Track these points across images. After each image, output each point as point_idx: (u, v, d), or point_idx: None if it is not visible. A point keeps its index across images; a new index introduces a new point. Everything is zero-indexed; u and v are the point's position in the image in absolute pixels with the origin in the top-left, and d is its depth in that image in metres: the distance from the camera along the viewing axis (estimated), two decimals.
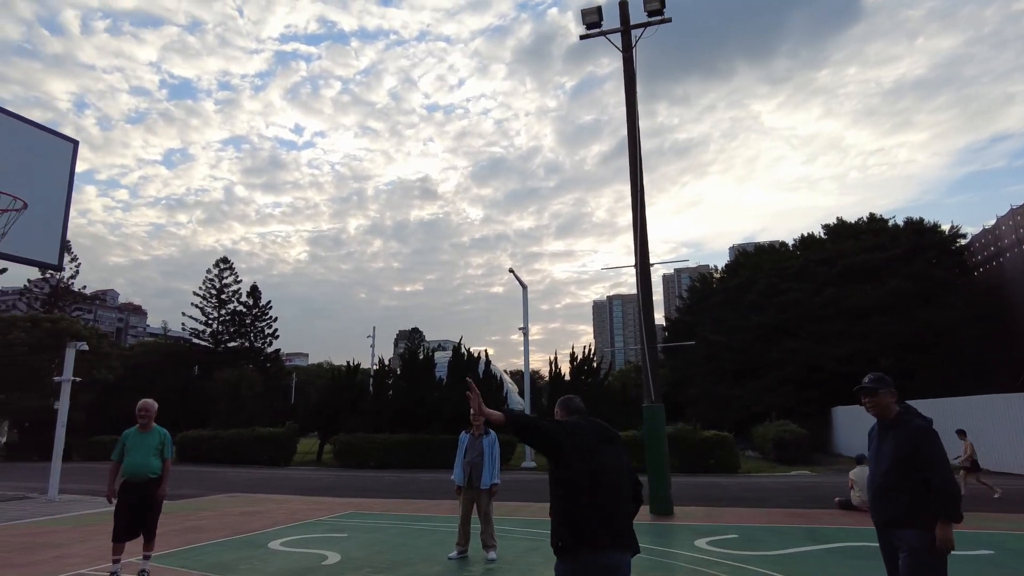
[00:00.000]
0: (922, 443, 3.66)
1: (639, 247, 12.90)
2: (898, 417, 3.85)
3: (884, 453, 3.82)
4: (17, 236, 8.03)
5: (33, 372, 32.34)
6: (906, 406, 3.90)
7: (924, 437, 3.67)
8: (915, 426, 3.73)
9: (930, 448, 3.64)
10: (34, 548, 8.48)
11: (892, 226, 37.64)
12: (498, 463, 7.98)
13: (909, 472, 3.67)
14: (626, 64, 13.75)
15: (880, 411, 3.91)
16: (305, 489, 16.74)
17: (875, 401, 3.92)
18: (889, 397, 3.89)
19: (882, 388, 3.91)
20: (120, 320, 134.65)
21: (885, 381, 3.94)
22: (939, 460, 3.63)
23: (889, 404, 3.89)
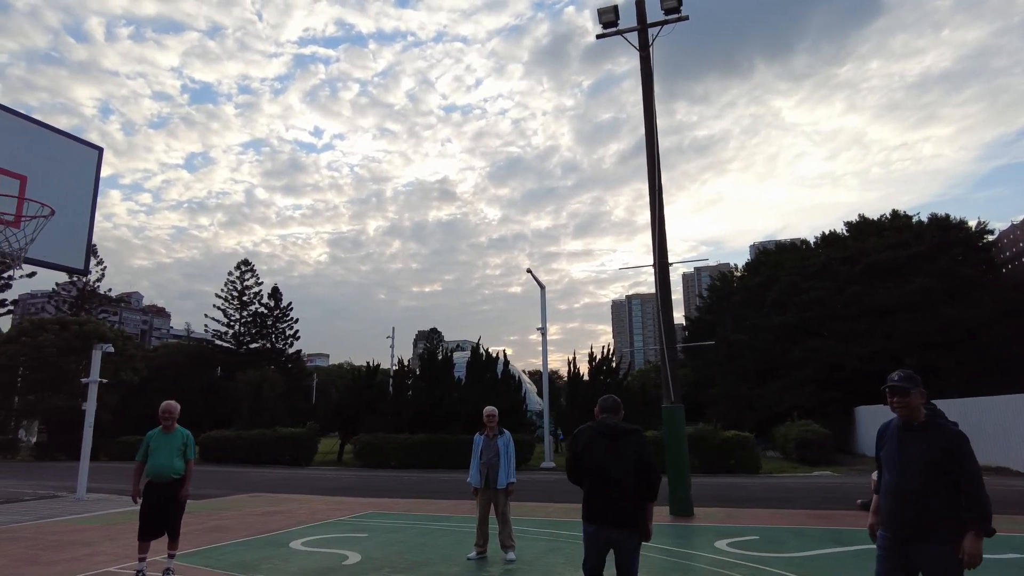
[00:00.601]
0: (958, 449, 3.42)
1: (657, 246, 12.83)
2: (929, 420, 3.59)
3: (911, 458, 3.52)
4: (45, 241, 8.22)
5: (62, 373, 33.05)
6: (933, 408, 3.68)
7: (960, 442, 3.43)
8: (951, 431, 3.49)
9: (967, 455, 3.41)
10: (64, 546, 8.66)
11: (916, 223, 37.04)
12: (513, 462, 7.97)
13: (941, 480, 3.42)
14: (643, 63, 13.68)
15: (910, 412, 3.63)
16: (326, 489, 16.89)
17: (906, 402, 3.63)
18: (919, 398, 3.62)
19: (913, 388, 3.62)
20: (144, 322, 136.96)
21: (916, 380, 3.66)
22: (976, 468, 3.40)
23: (919, 405, 3.63)
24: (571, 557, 7.78)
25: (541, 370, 27.29)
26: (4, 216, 7.88)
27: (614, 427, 4.45)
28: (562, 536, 9.22)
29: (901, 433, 3.65)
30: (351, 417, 28.84)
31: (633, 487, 4.31)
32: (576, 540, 8.89)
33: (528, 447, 24.39)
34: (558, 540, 8.90)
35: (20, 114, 8.69)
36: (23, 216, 8.04)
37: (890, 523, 3.59)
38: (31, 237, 7.94)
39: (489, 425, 7.98)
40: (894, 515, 3.55)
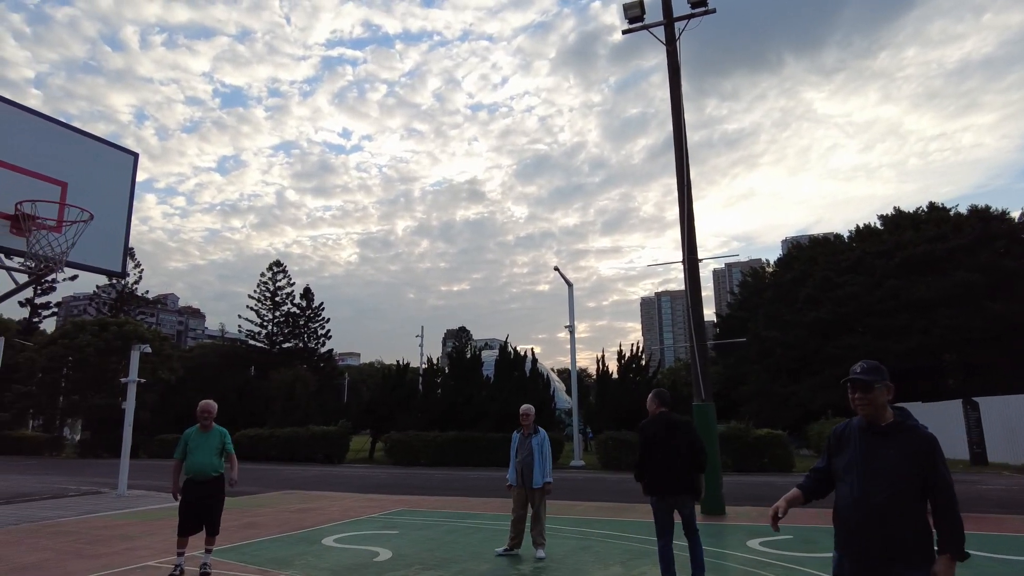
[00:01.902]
0: (931, 455, 2.87)
1: (686, 242, 12.70)
2: (898, 423, 2.99)
3: (879, 468, 2.92)
4: (84, 245, 8.47)
5: (102, 373, 34.02)
6: (901, 408, 3.07)
7: (933, 447, 2.88)
8: (922, 433, 2.93)
9: (941, 462, 2.87)
10: (107, 540, 8.92)
11: (955, 215, 35.98)
12: (549, 462, 7.93)
13: (912, 492, 2.86)
14: (670, 57, 13.54)
15: (874, 411, 3.02)
16: (358, 487, 17.09)
17: (869, 398, 3.02)
18: (886, 394, 3.02)
19: (878, 382, 3.00)
20: (180, 323, 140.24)
21: (881, 372, 3.05)
22: (950, 480, 2.87)
23: (885, 403, 3.02)
24: (601, 555, 7.76)
25: (570, 368, 27.22)
26: (47, 222, 8.14)
27: (670, 420, 5.99)
28: (592, 534, 9.20)
29: (865, 436, 3.05)
30: (382, 415, 29.14)
31: (687, 464, 5.79)
32: (605, 539, 8.87)
33: (557, 445, 24.36)
34: (588, 538, 8.88)
35: (59, 122, 8.96)
36: (64, 221, 8.30)
37: (851, 545, 2.98)
38: (71, 241, 8.19)
39: (524, 424, 7.97)
40: (857, 535, 2.94)
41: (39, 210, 8.03)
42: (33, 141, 8.40)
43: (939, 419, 24.86)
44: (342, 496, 14.66)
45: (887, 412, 3.02)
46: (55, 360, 34.87)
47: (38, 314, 50.11)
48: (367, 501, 13.64)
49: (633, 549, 8.12)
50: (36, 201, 8.02)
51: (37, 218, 8.00)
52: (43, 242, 7.98)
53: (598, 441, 23.68)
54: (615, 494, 14.65)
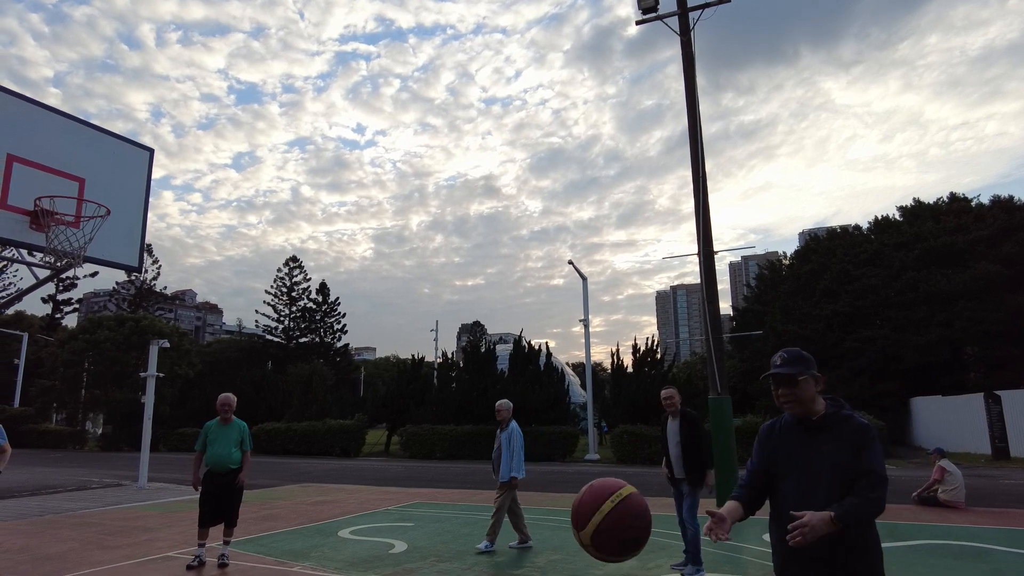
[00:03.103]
0: (864, 445, 2.52)
1: (702, 234, 12.59)
2: (831, 414, 2.64)
3: (818, 467, 2.56)
4: (101, 241, 8.59)
5: (122, 368, 34.51)
6: (834, 398, 2.70)
7: (867, 435, 2.54)
8: (858, 425, 2.57)
9: (875, 452, 2.52)
10: (128, 531, 9.06)
11: (976, 205, 35.36)
12: (517, 457, 7.79)
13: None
14: (684, 48, 13.41)
15: (803, 406, 2.65)
16: (374, 480, 17.21)
17: (795, 394, 2.65)
18: (814, 386, 2.66)
19: (803, 373, 2.65)
20: (198, 318, 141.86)
21: (806, 362, 2.69)
22: (881, 471, 2.48)
23: (814, 395, 2.66)
24: None
25: (584, 362, 27.16)
26: (65, 217, 8.25)
27: (685, 413, 6.74)
28: None
29: (798, 433, 2.69)
30: (398, 409, 29.28)
31: (682, 453, 6.54)
32: None
33: (572, 439, 24.35)
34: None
35: (76, 118, 9.07)
36: (81, 217, 8.41)
37: (795, 558, 2.59)
38: (89, 237, 8.30)
39: (499, 419, 8.02)
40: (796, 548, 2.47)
41: (57, 206, 8.14)
42: (51, 138, 8.51)
43: (960, 413, 24.54)
44: (358, 489, 14.77)
45: (818, 404, 2.66)
46: (76, 355, 35.42)
47: (60, 310, 50.98)
48: (383, 494, 13.72)
49: (648, 542, 8.09)
50: (54, 197, 8.13)
51: (56, 214, 8.11)
52: (61, 237, 8.09)
53: (613, 435, 23.61)
54: None
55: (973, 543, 7.89)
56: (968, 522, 9.45)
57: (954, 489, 10.87)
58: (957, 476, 11.05)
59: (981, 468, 18.48)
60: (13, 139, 8.00)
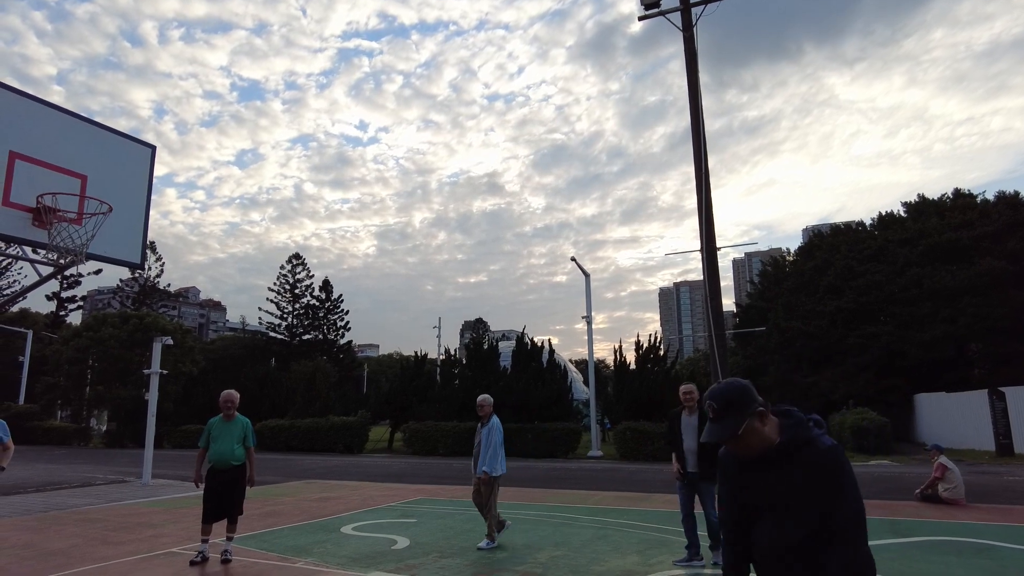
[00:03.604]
0: (828, 473, 2.08)
1: (704, 231, 12.56)
2: (787, 443, 2.16)
3: (786, 503, 2.13)
4: (104, 237, 8.61)
5: (126, 365, 34.62)
6: (789, 415, 2.25)
7: (838, 466, 2.09)
8: (823, 448, 2.11)
9: (846, 484, 2.08)
10: (132, 528, 9.09)
11: (981, 201, 35.22)
12: (493, 451, 7.72)
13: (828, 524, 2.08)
14: (687, 43, 13.36)
15: (748, 449, 2.20)
16: (377, 476, 17.24)
17: (740, 445, 2.20)
18: (760, 424, 2.18)
19: (740, 424, 2.16)
20: (202, 316, 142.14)
21: (739, 404, 2.18)
22: (859, 508, 2.10)
23: (756, 429, 2.17)
24: (618, 544, 7.74)
25: (587, 359, 27.16)
26: (67, 214, 8.27)
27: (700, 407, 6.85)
28: (610, 524, 9.19)
29: (757, 470, 2.23)
30: (401, 406, 29.33)
31: (700, 448, 6.67)
32: (623, 528, 8.86)
33: (575, 436, 24.37)
34: (606, 528, 8.87)
35: (78, 115, 9.08)
36: (84, 213, 8.43)
37: None
38: (92, 233, 8.32)
39: (480, 414, 8.00)
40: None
41: (60, 203, 8.16)
42: (53, 135, 8.53)
43: (964, 410, 24.48)
44: (361, 485, 14.80)
45: (767, 436, 2.18)
46: (81, 352, 35.53)
47: (64, 308, 51.16)
48: (386, 490, 13.75)
49: (651, 538, 8.09)
50: (57, 194, 8.14)
51: (58, 211, 8.13)
52: (64, 234, 8.11)
53: (616, 432, 23.63)
54: (633, 484, 14.63)
55: (976, 539, 7.87)
56: (971, 518, 9.43)
57: (955, 486, 10.85)
58: (957, 473, 11.03)
59: (985, 465, 18.44)
60: (16, 136, 8.02)
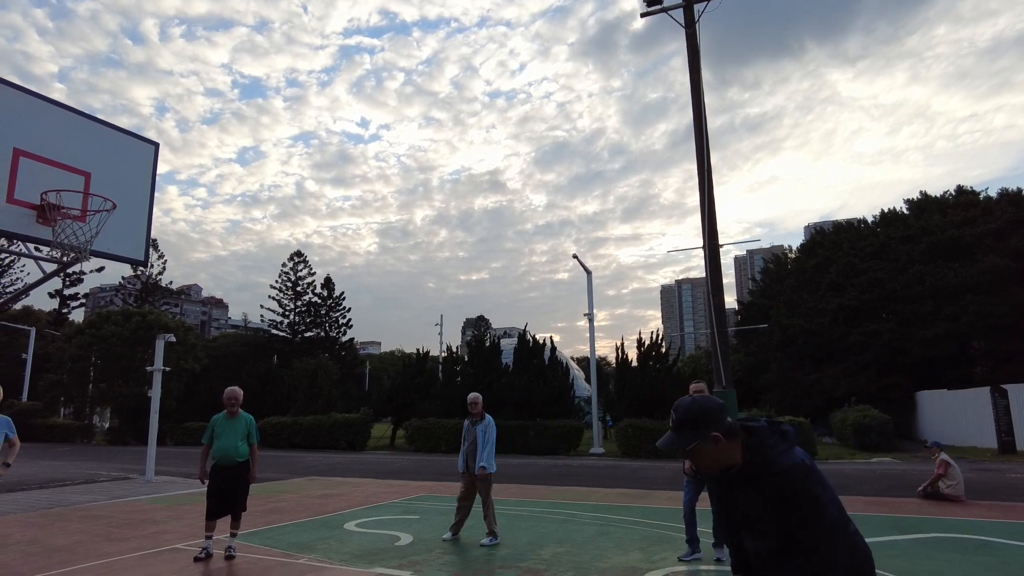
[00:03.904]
0: (787, 501, 2.00)
1: (707, 228, 12.56)
2: (749, 464, 2.10)
3: (751, 519, 2.12)
4: (107, 235, 8.63)
5: (129, 363, 34.69)
6: (754, 435, 2.12)
7: (788, 497, 2.00)
8: (775, 476, 2.02)
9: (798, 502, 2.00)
10: (136, 524, 9.13)
11: (984, 198, 35.16)
12: (490, 448, 7.93)
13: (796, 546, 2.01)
14: (689, 40, 13.35)
15: (704, 468, 2.20)
16: (379, 473, 17.27)
17: (697, 460, 2.19)
18: (712, 448, 2.12)
19: (688, 438, 2.15)
20: (204, 313, 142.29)
21: (696, 424, 2.14)
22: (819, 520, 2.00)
23: (713, 456, 2.14)
24: (620, 541, 7.76)
25: (589, 356, 27.17)
26: (71, 211, 8.29)
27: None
28: (612, 520, 9.20)
29: (735, 486, 2.17)
30: (403, 403, 29.38)
31: None
32: (625, 525, 8.87)
33: (576, 433, 24.39)
34: (608, 524, 8.89)
35: (81, 113, 9.09)
36: (88, 211, 8.44)
37: None
38: (95, 230, 8.34)
39: (472, 412, 8.10)
40: None
41: (64, 200, 8.18)
42: (57, 132, 8.54)
43: (967, 407, 24.47)
44: (363, 482, 14.83)
45: (733, 456, 2.13)
46: (83, 349, 35.61)
47: (67, 305, 51.26)
48: (388, 487, 13.78)
49: (653, 535, 8.11)
50: (61, 191, 8.16)
51: (62, 208, 8.15)
52: (68, 231, 8.13)
53: (617, 429, 23.66)
54: (635, 481, 14.65)
55: (979, 536, 7.88)
56: (974, 515, 9.44)
57: (956, 482, 10.87)
58: (957, 470, 11.05)
59: (987, 462, 18.44)
60: (20, 133, 8.03)
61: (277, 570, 6.49)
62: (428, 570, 6.48)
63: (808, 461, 2.06)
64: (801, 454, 2.08)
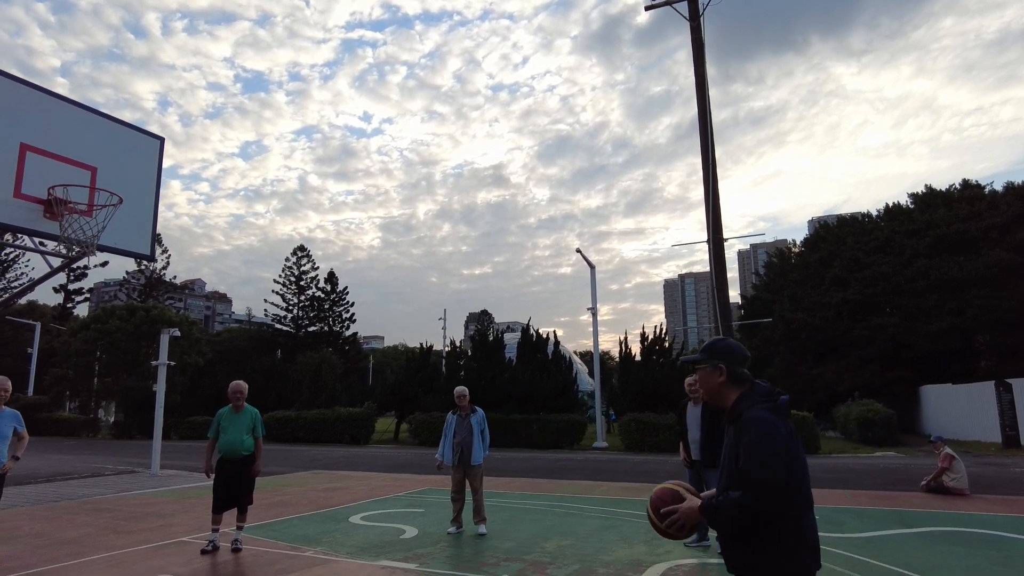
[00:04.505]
0: (745, 443, 2.28)
1: (711, 221, 12.54)
2: (734, 407, 2.44)
3: (727, 461, 2.43)
4: (115, 229, 8.64)
5: (134, 357, 34.81)
6: (753, 388, 2.46)
7: (746, 433, 2.29)
8: (743, 419, 2.34)
9: (751, 449, 2.25)
10: (143, 517, 9.18)
11: (989, 192, 35.01)
12: (487, 440, 8.27)
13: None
14: (694, 33, 13.30)
15: (708, 396, 2.58)
16: (384, 466, 17.33)
17: (699, 381, 2.62)
18: (715, 375, 2.51)
19: (704, 361, 2.55)
20: (208, 308, 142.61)
21: (711, 350, 2.57)
22: (754, 466, 2.23)
23: (717, 388, 2.52)
24: (625, 534, 7.78)
25: (592, 351, 27.18)
26: (78, 206, 8.31)
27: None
28: (616, 514, 9.23)
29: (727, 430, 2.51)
30: (406, 397, 29.43)
31: (702, 439, 6.97)
32: (629, 519, 8.89)
33: (580, 427, 24.42)
34: (612, 518, 8.91)
35: (87, 107, 9.10)
36: (94, 205, 8.46)
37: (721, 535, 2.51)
38: (102, 225, 8.36)
39: (461, 405, 8.25)
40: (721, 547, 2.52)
41: (70, 194, 8.19)
42: (63, 127, 8.55)
43: (971, 401, 24.43)
44: (368, 476, 14.89)
45: (726, 396, 2.50)
46: (88, 344, 35.73)
47: (71, 300, 51.40)
48: (393, 480, 13.83)
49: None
50: (67, 186, 8.18)
51: (69, 202, 8.16)
52: (75, 226, 8.15)
53: (621, 423, 23.68)
54: (638, 475, 14.67)
55: (983, 530, 7.88)
56: (978, 509, 9.44)
57: (960, 475, 10.87)
58: (961, 463, 11.05)
59: (991, 456, 18.42)
60: (26, 128, 8.05)
61: (283, 563, 6.53)
62: (434, 563, 6.51)
63: (774, 419, 2.32)
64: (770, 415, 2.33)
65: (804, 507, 2.33)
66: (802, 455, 2.37)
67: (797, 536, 2.30)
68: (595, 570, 6.18)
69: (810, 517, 2.36)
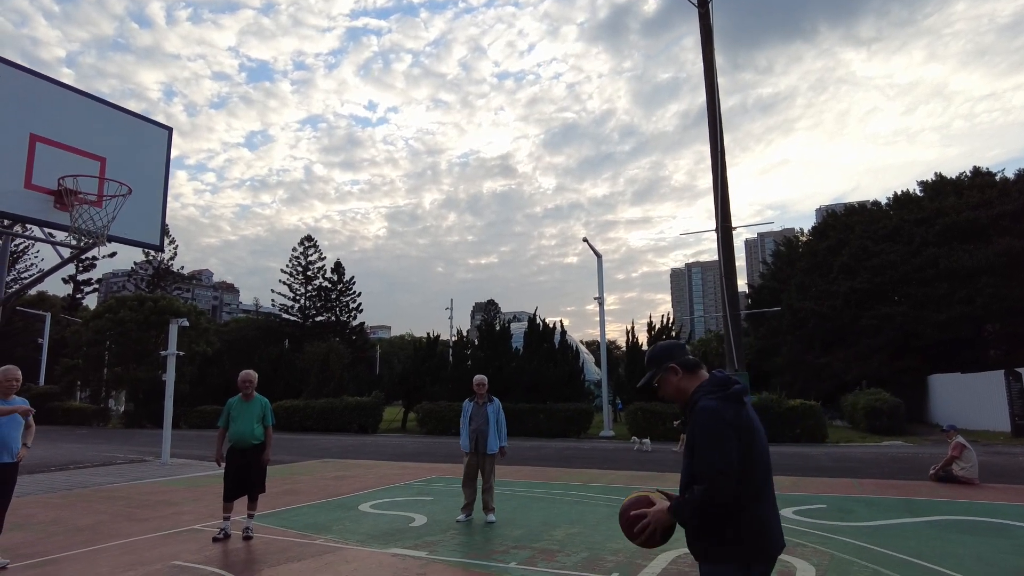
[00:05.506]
0: (696, 435, 2.41)
1: (719, 209, 12.48)
2: (689, 398, 2.56)
3: (687, 456, 2.52)
4: (124, 220, 8.67)
5: (143, 347, 35.06)
6: (709, 379, 2.56)
7: (697, 425, 2.41)
8: (695, 410, 2.45)
9: (702, 441, 2.36)
10: (154, 505, 9.29)
11: (1000, 180, 34.65)
12: (504, 429, 8.34)
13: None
14: (702, 19, 13.18)
15: (677, 398, 2.64)
16: (392, 455, 17.44)
17: (659, 391, 2.69)
18: (673, 376, 2.60)
19: (658, 371, 2.64)
20: (215, 298, 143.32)
21: (655, 360, 2.66)
22: (708, 460, 2.32)
23: (679, 387, 2.60)
24: None
25: (599, 340, 27.19)
26: (88, 196, 8.34)
27: None
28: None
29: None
30: (414, 386, 29.57)
31: None
32: None
33: (587, 416, 24.48)
34: (620, 506, 8.94)
35: (96, 97, 9.11)
36: (104, 195, 8.49)
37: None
38: (112, 215, 8.39)
39: (478, 392, 8.29)
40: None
41: (80, 185, 8.22)
42: (72, 117, 8.57)
43: (980, 390, 24.32)
44: (377, 464, 14.99)
45: (688, 389, 2.58)
46: (99, 334, 36.00)
47: (81, 290, 51.79)
48: (401, 469, 13.92)
49: None
50: (77, 176, 8.20)
51: (79, 193, 8.19)
52: (85, 217, 8.18)
53: (628, 412, 23.73)
54: (645, 464, 14.71)
55: (992, 519, 7.87)
56: (987, 498, 9.43)
57: (971, 465, 10.84)
58: (972, 453, 11.02)
59: (1000, 445, 18.36)
60: (36, 119, 8.07)
61: (294, 550, 6.59)
62: (443, 550, 6.56)
63: (721, 407, 2.38)
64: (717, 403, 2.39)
65: (752, 498, 2.36)
66: (760, 444, 2.42)
67: (739, 527, 2.35)
68: (604, 558, 6.21)
69: (761, 508, 2.39)
